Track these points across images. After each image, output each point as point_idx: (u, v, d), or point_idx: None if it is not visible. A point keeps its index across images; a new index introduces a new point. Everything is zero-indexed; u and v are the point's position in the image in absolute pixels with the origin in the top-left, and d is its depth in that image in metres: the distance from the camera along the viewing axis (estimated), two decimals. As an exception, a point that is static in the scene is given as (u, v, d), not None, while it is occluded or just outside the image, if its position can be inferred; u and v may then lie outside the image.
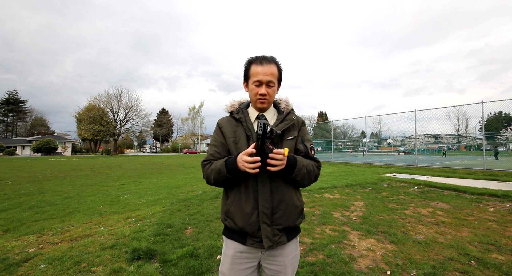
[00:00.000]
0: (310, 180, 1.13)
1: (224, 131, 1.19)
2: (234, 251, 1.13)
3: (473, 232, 3.25)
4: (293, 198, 1.14)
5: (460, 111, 33.62)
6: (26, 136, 58.10)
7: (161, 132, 69.47)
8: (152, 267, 2.37)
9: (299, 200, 1.17)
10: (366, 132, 24.13)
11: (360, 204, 4.84)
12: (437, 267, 2.34)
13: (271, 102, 1.21)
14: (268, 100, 1.16)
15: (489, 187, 6.16)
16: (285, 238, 1.12)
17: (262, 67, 1.12)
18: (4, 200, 5.55)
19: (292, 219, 1.13)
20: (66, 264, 2.43)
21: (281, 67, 1.19)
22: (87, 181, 8.81)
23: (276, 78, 1.15)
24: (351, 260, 2.53)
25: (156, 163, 19.75)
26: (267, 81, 1.12)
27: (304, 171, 1.08)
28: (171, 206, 4.80)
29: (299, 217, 1.17)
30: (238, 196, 1.11)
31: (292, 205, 1.13)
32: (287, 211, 1.12)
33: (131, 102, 49.34)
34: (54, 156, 40.59)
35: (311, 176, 1.12)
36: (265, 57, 1.15)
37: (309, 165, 1.12)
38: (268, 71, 1.12)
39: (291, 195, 1.14)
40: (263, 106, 1.18)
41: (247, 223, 1.09)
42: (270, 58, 1.15)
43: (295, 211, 1.14)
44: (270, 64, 1.13)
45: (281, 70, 1.19)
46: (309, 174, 1.10)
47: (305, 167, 1.09)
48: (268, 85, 1.13)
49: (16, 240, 3.15)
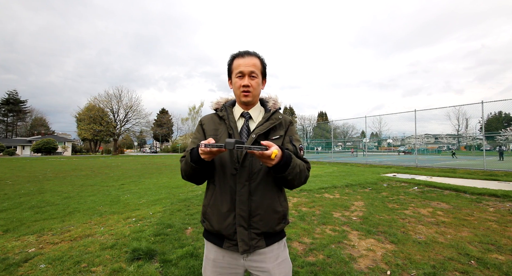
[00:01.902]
0: (300, 180, 1.06)
1: (205, 128, 1.17)
2: (215, 255, 1.10)
3: (473, 232, 3.25)
4: (274, 202, 1.08)
5: (460, 111, 33.62)
6: (26, 136, 58.11)
7: (161, 133, 69.48)
8: (152, 267, 2.37)
9: (281, 205, 1.10)
10: (366, 132, 24.14)
11: (360, 204, 4.84)
12: (437, 267, 2.34)
13: (256, 96, 1.16)
14: (252, 93, 1.12)
15: (489, 187, 6.16)
16: (263, 243, 1.06)
17: (244, 59, 1.11)
18: (4, 200, 5.55)
19: (271, 224, 1.07)
20: (66, 264, 2.43)
21: (265, 63, 1.18)
22: (87, 181, 8.81)
23: (259, 70, 1.13)
24: (351, 260, 2.53)
25: (156, 163, 19.75)
26: (249, 72, 1.10)
27: (297, 170, 1.02)
28: (171, 206, 4.80)
29: (280, 222, 1.10)
30: (215, 197, 1.08)
31: (271, 209, 1.07)
32: (265, 215, 1.06)
33: (131, 102, 49.36)
34: (54, 156, 40.59)
35: (302, 177, 1.05)
36: (247, 51, 1.15)
37: (301, 164, 1.05)
38: (250, 63, 1.10)
39: (272, 198, 1.08)
40: (247, 100, 1.13)
41: (223, 225, 1.05)
42: (253, 52, 1.15)
43: (275, 216, 1.08)
44: (252, 57, 1.12)
45: (265, 65, 1.17)
46: (300, 174, 1.04)
47: (298, 166, 1.03)
48: (251, 76, 1.10)
49: (16, 240, 3.15)
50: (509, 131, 31.11)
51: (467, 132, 36.32)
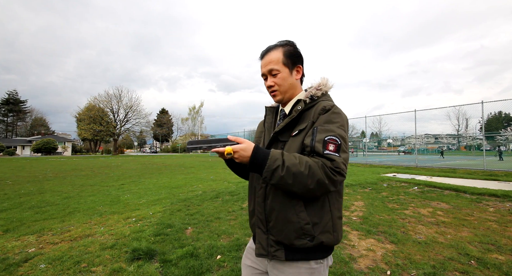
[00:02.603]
0: (302, 185, 0.82)
1: (256, 131, 1.22)
2: (251, 244, 1.14)
3: (473, 232, 3.25)
4: (287, 210, 0.92)
5: (460, 111, 33.65)
6: (26, 136, 58.10)
7: (161, 132, 69.49)
8: (152, 267, 2.37)
9: (298, 216, 0.91)
10: (366, 132, 24.15)
11: (360, 204, 4.84)
12: (437, 267, 2.34)
13: (285, 91, 1.05)
14: (278, 91, 1.04)
15: (489, 187, 6.16)
16: (282, 254, 0.94)
17: (263, 60, 1.06)
18: (4, 200, 5.55)
19: (287, 235, 0.92)
20: (66, 264, 2.43)
21: (290, 50, 1.04)
22: (87, 181, 8.81)
23: (279, 63, 1.02)
24: (351, 260, 2.53)
25: (156, 163, 19.75)
26: (268, 71, 1.04)
27: (283, 173, 0.82)
28: (171, 206, 4.80)
29: (299, 237, 0.91)
30: (248, 194, 1.12)
31: (283, 217, 0.93)
32: (278, 224, 0.94)
33: (131, 102, 49.38)
34: (54, 156, 40.58)
35: (304, 180, 0.82)
36: (267, 48, 1.07)
37: (301, 165, 0.82)
38: (267, 61, 1.04)
39: (284, 205, 0.93)
40: (277, 99, 1.07)
41: (250, 223, 1.09)
42: (272, 46, 1.06)
43: (289, 227, 0.92)
44: (270, 52, 1.04)
45: (289, 53, 1.03)
46: (295, 178, 0.82)
47: (286, 168, 0.82)
48: (272, 75, 1.03)
49: (16, 240, 3.14)
50: (509, 131, 31.09)
51: (467, 132, 36.32)
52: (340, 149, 0.86)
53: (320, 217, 0.92)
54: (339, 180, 0.83)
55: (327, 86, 1.07)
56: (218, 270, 2.33)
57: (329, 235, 0.93)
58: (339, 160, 0.84)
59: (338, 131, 0.89)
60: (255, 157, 0.86)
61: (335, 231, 0.95)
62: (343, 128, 0.92)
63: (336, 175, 0.82)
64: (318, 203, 0.93)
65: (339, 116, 0.94)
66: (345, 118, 0.96)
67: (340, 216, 0.99)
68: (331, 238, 0.93)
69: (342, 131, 0.90)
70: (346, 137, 0.91)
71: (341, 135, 0.89)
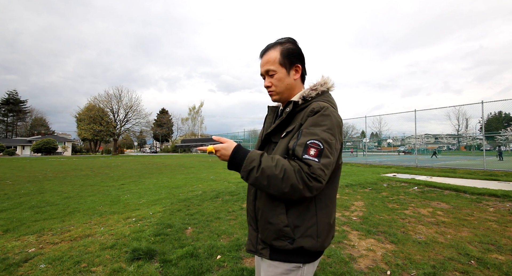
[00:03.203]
0: (276, 188, 0.82)
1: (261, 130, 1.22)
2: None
3: (473, 232, 3.25)
4: (269, 211, 0.94)
5: (460, 111, 33.67)
6: (26, 136, 58.08)
7: (161, 132, 69.46)
8: (152, 267, 2.37)
9: (277, 217, 0.91)
10: (366, 132, 24.15)
11: (360, 204, 4.84)
12: (437, 267, 2.34)
13: (282, 92, 1.04)
14: (275, 91, 1.03)
15: (489, 187, 6.16)
16: (267, 253, 0.96)
17: (261, 59, 1.05)
18: (4, 200, 5.55)
19: (268, 236, 0.95)
20: (66, 264, 2.43)
21: (288, 48, 1.01)
22: (87, 181, 8.81)
23: (275, 63, 1.00)
24: (351, 260, 2.53)
25: (156, 163, 19.75)
26: (265, 71, 1.03)
27: (257, 174, 0.83)
28: (171, 206, 4.80)
29: (278, 238, 0.91)
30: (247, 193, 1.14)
31: (264, 218, 0.95)
32: (261, 223, 0.97)
33: (131, 102, 49.33)
34: (54, 156, 40.58)
35: (278, 183, 0.81)
36: (266, 47, 1.05)
37: (276, 167, 0.82)
38: (264, 61, 1.03)
39: (269, 207, 0.94)
40: (274, 99, 1.06)
41: (247, 219, 1.12)
42: (272, 44, 1.04)
43: (269, 227, 0.93)
44: (268, 52, 1.03)
45: (287, 52, 1.01)
46: (270, 180, 0.82)
47: (261, 170, 0.83)
48: (269, 75, 1.03)
49: (16, 240, 3.14)
50: (509, 131, 31.10)
51: (467, 133, 36.32)
52: (321, 154, 0.83)
53: (302, 220, 0.91)
54: (315, 186, 0.81)
55: (324, 86, 1.03)
56: (218, 270, 2.33)
57: (311, 239, 0.90)
58: (316, 165, 0.81)
59: (323, 135, 0.86)
60: (234, 156, 0.89)
61: (320, 236, 0.92)
62: (331, 132, 0.87)
63: (311, 181, 0.80)
64: (302, 206, 0.91)
65: (328, 119, 0.89)
66: (335, 121, 0.90)
67: (329, 222, 0.96)
68: (313, 243, 0.91)
69: (328, 135, 0.86)
70: (333, 141, 0.87)
71: (325, 139, 0.85)
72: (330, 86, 1.05)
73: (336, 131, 0.89)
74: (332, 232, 1.00)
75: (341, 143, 0.94)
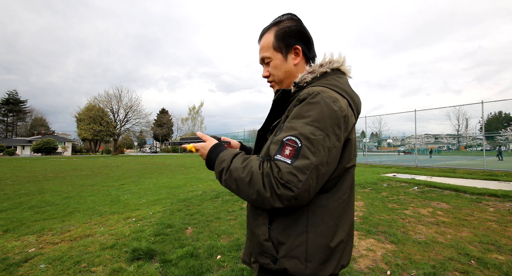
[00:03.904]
0: (245, 194, 0.69)
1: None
2: None
3: (473, 232, 3.25)
4: (253, 220, 0.80)
5: (460, 111, 33.64)
6: (26, 136, 58.11)
7: (161, 133, 69.47)
8: (152, 267, 2.37)
9: (259, 228, 0.76)
10: (366, 132, 24.15)
11: (360, 204, 4.84)
12: (437, 267, 2.34)
13: (281, 80, 0.89)
14: (274, 81, 0.90)
15: (489, 187, 6.16)
16: (256, 268, 0.82)
17: (259, 46, 0.91)
18: (4, 200, 5.54)
19: (252, 249, 0.81)
20: (66, 264, 2.43)
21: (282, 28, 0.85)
22: (87, 181, 8.80)
23: (269, 49, 0.86)
24: (351, 260, 2.53)
25: (156, 163, 19.75)
26: (261, 59, 0.90)
27: (225, 176, 0.73)
28: (171, 206, 4.80)
29: (260, 254, 0.76)
30: None
31: (250, 228, 0.82)
32: (248, 232, 0.85)
33: (131, 102, 49.47)
34: (54, 156, 40.58)
35: (245, 188, 0.68)
36: (262, 30, 0.91)
37: (244, 170, 0.69)
38: (260, 48, 0.90)
39: (253, 214, 0.80)
40: (275, 90, 0.92)
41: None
42: (266, 28, 0.90)
43: (254, 239, 0.79)
44: (263, 37, 0.89)
45: (283, 32, 0.85)
46: (237, 184, 0.70)
47: (229, 172, 0.72)
48: (266, 63, 0.90)
49: (16, 240, 3.14)
50: (509, 131, 31.10)
51: (467, 133, 36.32)
52: (298, 153, 0.65)
53: (287, 236, 0.72)
54: (285, 195, 0.63)
55: (326, 66, 0.82)
56: (218, 270, 2.33)
57: (297, 262, 0.71)
58: (286, 169, 0.64)
59: (303, 129, 0.67)
60: (210, 156, 0.82)
61: (310, 261, 0.71)
62: (316, 125, 0.67)
63: (279, 188, 0.63)
64: (289, 219, 0.73)
65: (316, 107, 0.69)
66: (326, 110, 0.68)
67: (326, 244, 0.73)
68: (300, 268, 0.71)
69: (311, 128, 0.67)
70: (318, 137, 0.66)
71: (305, 134, 0.66)
72: (339, 66, 0.84)
73: (328, 123, 0.68)
74: (337, 259, 0.75)
75: (344, 139, 0.72)
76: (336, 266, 0.75)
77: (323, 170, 0.67)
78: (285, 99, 0.82)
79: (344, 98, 0.76)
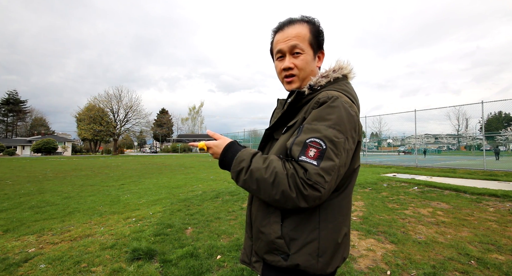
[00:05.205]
0: (267, 194, 0.70)
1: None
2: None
3: (473, 232, 3.25)
4: (263, 219, 0.80)
5: (460, 112, 33.62)
6: (26, 136, 58.12)
7: (161, 133, 69.48)
8: (152, 267, 2.37)
9: (270, 227, 0.77)
10: (366, 132, 24.15)
11: (360, 204, 4.84)
12: (437, 267, 2.34)
13: (304, 79, 0.85)
14: (297, 76, 0.84)
15: (489, 187, 6.16)
16: (260, 267, 0.82)
17: (282, 32, 0.84)
18: (4, 200, 5.54)
19: (259, 247, 0.81)
20: (66, 264, 2.43)
21: (317, 28, 0.85)
22: (87, 181, 8.81)
23: (305, 41, 0.82)
24: (351, 260, 2.53)
25: (156, 163, 19.75)
26: (290, 47, 0.82)
27: (245, 176, 0.73)
28: (171, 206, 4.80)
29: (270, 251, 0.77)
30: None
31: (256, 226, 0.82)
32: (254, 232, 0.84)
33: (131, 102, 49.38)
34: (54, 156, 40.58)
35: (268, 189, 0.69)
36: (290, 19, 0.86)
37: (267, 170, 0.69)
38: (290, 34, 0.82)
39: (263, 213, 0.80)
40: (292, 87, 0.86)
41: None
42: (299, 18, 0.85)
43: (261, 237, 0.80)
44: (296, 25, 0.83)
45: (317, 32, 0.85)
46: (259, 184, 0.70)
47: (249, 172, 0.72)
48: (294, 54, 0.83)
49: (16, 240, 3.14)
50: (509, 131, 31.10)
51: (467, 133, 36.31)
52: (323, 155, 0.67)
53: (300, 233, 0.75)
54: (312, 195, 0.65)
55: (339, 72, 0.84)
56: (218, 270, 2.33)
57: (309, 258, 0.73)
58: (314, 170, 0.66)
59: (327, 132, 0.69)
60: (225, 155, 0.80)
61: (321, 256, 0.74)
62: (338, 128, 0.70)
63: (307, 188, 0.65)
64: (302, 216, 0.75)
65: (336, 111, 0.71)
66: (345, 114, 0.71)
67: (336, 239, 0.77)
68: (311, 263, 0.73)
69: (334, 132, 0.69)
70: (341, 140, 0.69)
71: (329, 137, 0.68)
72: (347, 73, 0.86)
73: (347, 127, 0.71)
74: (341, 252, 0.80)
75: (357, 141, 0.77)
76: (340, 259, 0.81)
77: (342, 171, 0.72)
78: (297, 101, 0.83)
79: (354, 104, 0.80)
